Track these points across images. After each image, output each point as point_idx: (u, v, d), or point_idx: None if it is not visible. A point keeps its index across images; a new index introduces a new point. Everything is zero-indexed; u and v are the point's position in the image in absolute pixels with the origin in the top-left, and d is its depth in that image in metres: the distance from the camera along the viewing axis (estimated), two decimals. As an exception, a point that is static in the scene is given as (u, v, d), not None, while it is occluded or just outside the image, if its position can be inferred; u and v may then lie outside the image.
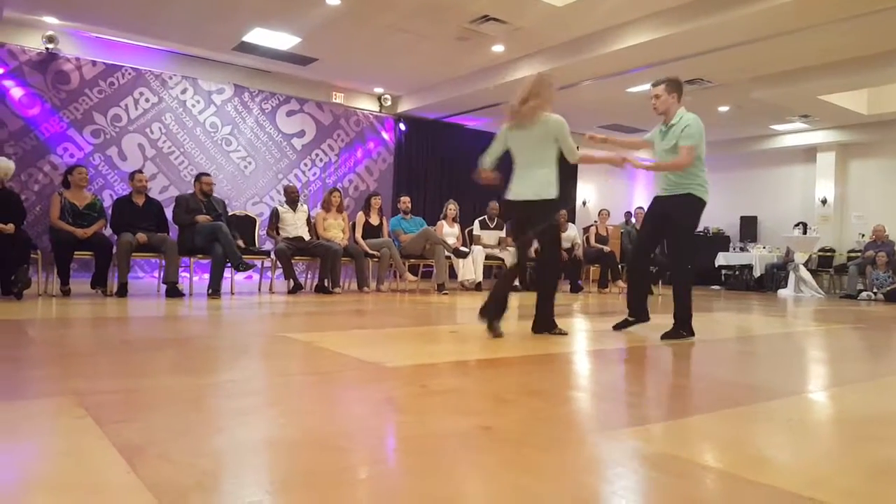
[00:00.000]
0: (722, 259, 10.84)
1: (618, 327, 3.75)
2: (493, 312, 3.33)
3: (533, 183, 3.44)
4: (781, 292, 9.34)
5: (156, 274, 6.48)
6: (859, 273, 8.95)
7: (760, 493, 1.20)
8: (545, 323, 3.48)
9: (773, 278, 10.02)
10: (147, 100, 7.64)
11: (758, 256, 10.31)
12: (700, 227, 13.11)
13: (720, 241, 11.84)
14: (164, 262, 5.27)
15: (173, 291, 5.11)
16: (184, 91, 7.91)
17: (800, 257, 9.38)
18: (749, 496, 1.20)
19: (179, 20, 6.74)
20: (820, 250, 10.12)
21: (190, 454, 1.30)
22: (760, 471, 1.33)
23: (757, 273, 10.23)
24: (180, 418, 1.61)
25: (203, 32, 7.12)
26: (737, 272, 10.71)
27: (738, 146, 11.94)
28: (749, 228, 11.80)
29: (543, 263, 3.56)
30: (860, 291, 8.73)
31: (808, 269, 9.47)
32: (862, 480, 1.31)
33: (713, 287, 10.85)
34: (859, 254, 9.36)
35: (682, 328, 3.47)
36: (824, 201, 10.73)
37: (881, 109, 9.30)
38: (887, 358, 3.44)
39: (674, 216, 3.47)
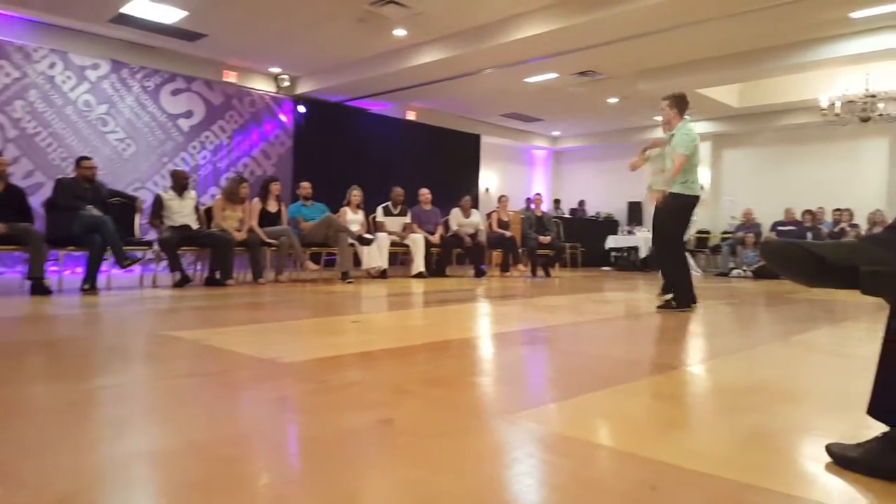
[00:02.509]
0: (611, 242, 11.47)
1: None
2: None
3: None
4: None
5: (19, 269, 5.87)
6: (731, 253, 9.78)
7: (646, 468, 1.26)
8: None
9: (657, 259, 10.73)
10: (7, 74, 6.85)
11: (643, 239, 10.97)
12: (592, 213, 13.81)
13: (610, 226, 12.52)
14: (27, 255, 4.76)
15: (39, 288, 4.61)
16: (52, 65, 7.18)
17: (679, 239, 10.07)
18: (635, 472, 1.25)
19: (44, -14, 6.10)
20: (697, 232, 10.94)
21: (48, 474, 1.17)
22: (646, 446, 1.40)
23: (642, 254, 10.89)
24: (41, 432, 1.45)
25: (74, 1, 6.48)
26: (625, 254, 11.36)
27: (625, 135, 12.61)
28: (635, 213, 12.53)
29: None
30: (732, 269, 9.55)
31: (686, 250, 10.20)
32: (736, 449, 1.41)
33: (604, 268, 11.43)
34: (731, 235, 10.20)
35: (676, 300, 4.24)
36: (702, 187, 11.59)
37: (750, 103, 10.18)
38: (755, 331, 3.77)
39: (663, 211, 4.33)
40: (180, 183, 6.01)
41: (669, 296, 4.40)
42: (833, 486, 1.19)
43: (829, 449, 1.30)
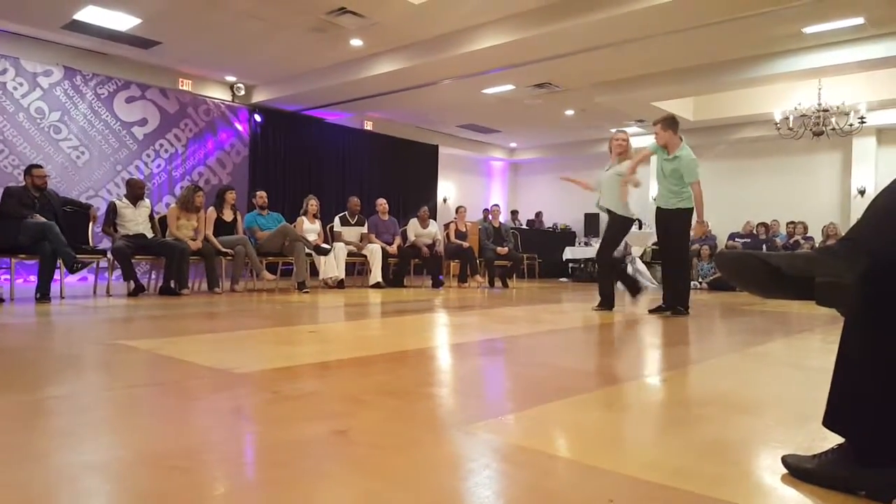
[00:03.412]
0: (569, 253, 11.63)
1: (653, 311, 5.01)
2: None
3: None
4: (621, 283, 10.17)
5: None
6: (687, 264, 10.00)
7: (603, 480, 1.26)
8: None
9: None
10: (-47, 79, 6.60)
11: (601, 251, 11.15)
12: (549, 224, 13.98)
13: (567, 237, 12.71)
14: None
15: (-13, 297, 4.46)
16: (3, 71, 6.95)
17: (636, 251, 10.28)
18: (592, 483, 1.25)
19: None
20: (653, 244, 11.17)
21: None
22: (603, 457, 1.40)
23: (600, 266, 11.06)
24: (-22, 448, 1.38)
25: (26, 7, 6.28)
26: (582, 265, 11.53)
27: (581, 148, 12.85)
28: (592, 225, 12.76)
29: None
30: (687, 281, 9.76)
31: (643, 262, 10.40)
32: (693, 460, 1.41)
33: (561, 279, 11.58)
34: (687, 247, 10.44)
35: (680, 305, 4.84)
36: (656, 199, 11.89)
37: (706, 116, 10.42)
38: (711, 342, 3.84)
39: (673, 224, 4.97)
40: (135, 192, 5.89)
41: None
42: (789, 497, 1.20)
43: (786, 461, 1.30)
